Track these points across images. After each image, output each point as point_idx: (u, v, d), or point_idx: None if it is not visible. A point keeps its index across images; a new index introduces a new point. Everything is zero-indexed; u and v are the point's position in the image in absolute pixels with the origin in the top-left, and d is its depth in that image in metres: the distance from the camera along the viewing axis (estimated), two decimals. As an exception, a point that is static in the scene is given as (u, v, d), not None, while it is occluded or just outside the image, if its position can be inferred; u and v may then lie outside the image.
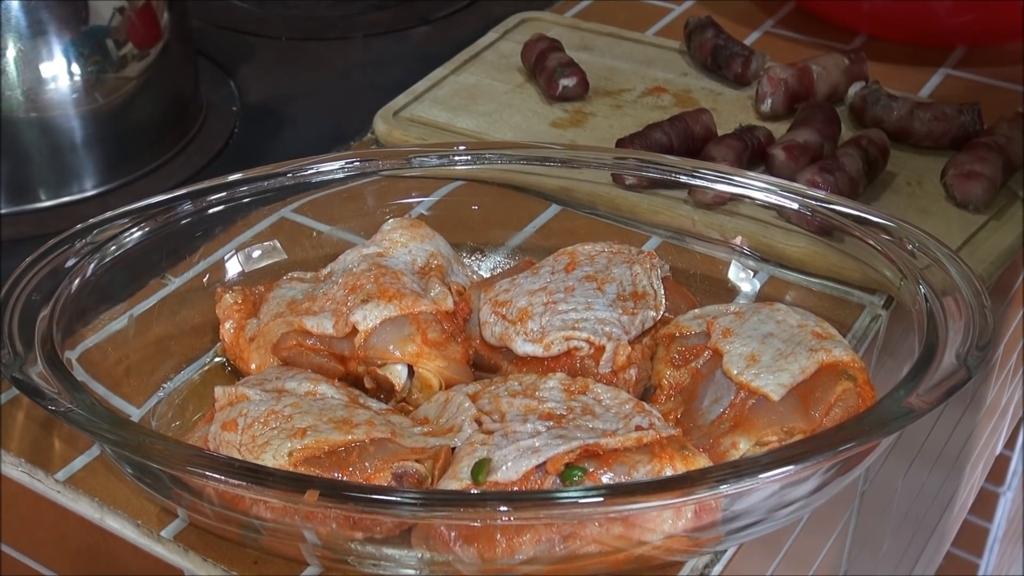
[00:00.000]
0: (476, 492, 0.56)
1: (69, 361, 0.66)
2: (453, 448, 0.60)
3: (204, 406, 0.69)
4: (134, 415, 0.69)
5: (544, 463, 0.57)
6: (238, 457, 0.59)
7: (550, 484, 0.57)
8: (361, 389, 0.67)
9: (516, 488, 0.57)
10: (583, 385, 0.64)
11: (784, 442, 0.62)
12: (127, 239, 0.73)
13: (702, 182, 0.78)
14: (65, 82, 0.87)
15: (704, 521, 0.58)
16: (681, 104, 0.99)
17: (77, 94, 0.88)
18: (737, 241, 0.79)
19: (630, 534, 0.57)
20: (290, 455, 0.58)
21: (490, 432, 0.60)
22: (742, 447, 0.62)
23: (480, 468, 0.57)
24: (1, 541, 0.72)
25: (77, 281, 0.69)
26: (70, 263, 0.70)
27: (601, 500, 0.54)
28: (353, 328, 0.67)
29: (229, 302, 0.72)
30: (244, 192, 0.77)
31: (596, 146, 0.90)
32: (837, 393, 0.63)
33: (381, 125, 0.95)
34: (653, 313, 0.70)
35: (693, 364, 0.67)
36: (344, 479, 0.58)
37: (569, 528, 0.56)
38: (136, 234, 0.73)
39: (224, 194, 0.76)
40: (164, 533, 0.63)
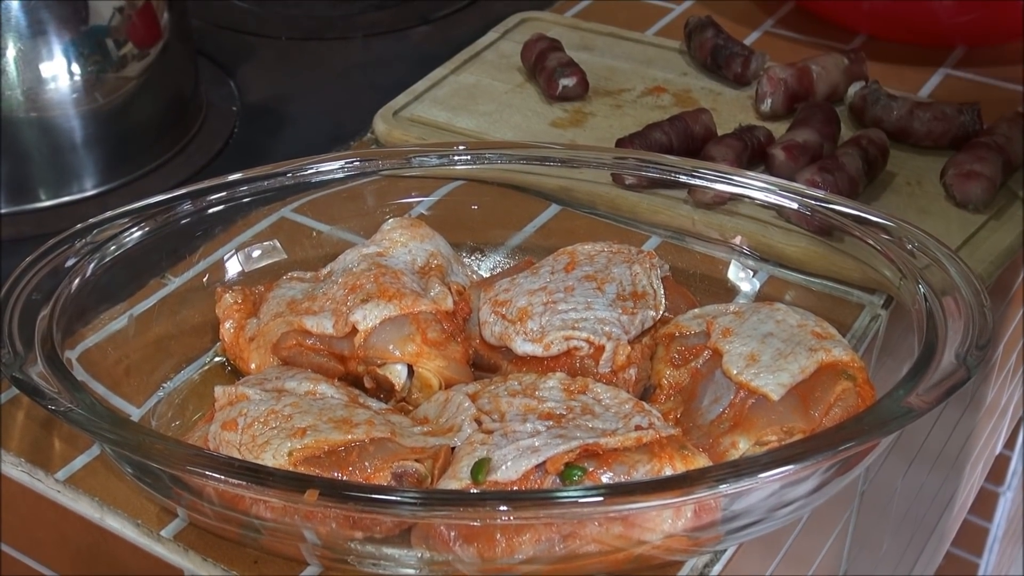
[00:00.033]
0: (476, 492, 0.56)
1: (69, 361, 0.66)
2: (453, 448, 0.60)
3: (204, 406, 0.69)
4: (134, 415, 0.69)
5: (544, 463, 0.57)
6: (238, 457, 0.59)
7: (550, 484, 0.57)
8: (361, 389, 0.67)
9: (516, 488, 0.57)
10: (583, 385, 0.64)
11: (784, 442, 0.62)
12: (127, 239, 0.73)
13: (702, 182, 0.78)
14: (65, 82, 0.87)
15: (704, 521, 0.58)
16: (681, 104, 0.99)
17: (77, 94, 0.88)
18: (737, 241, 0.79)
19: (630, 534, 0.57)
20: (290, 455, 0.58)
21: (490, 432, 0.60)
22: (742, 447, 0.62)
23: (480, 468, 0.57)
24: (1, 541, 0.72)
25: (77, 281, 0.69)
26: (70, 263, 0.70)
27: (601, 500, 0.54)
28: (353, 328, 0.67)
29: (229, 302, 0.72)
30: (244, 192, 0.77)
31: (596, 146, 0.90)
32: (837, 393, 0.63)
33: (381, 125, 0.95)
34: (653, 313, 0.70)
35: (693, 364, 0.67)
36: (344, 479, 0.58)
37: (569, 528, 0.56)
38: (136, 234, 0.73)
39: (224, 194, 0.76)
40: (164, 533, 0.63)
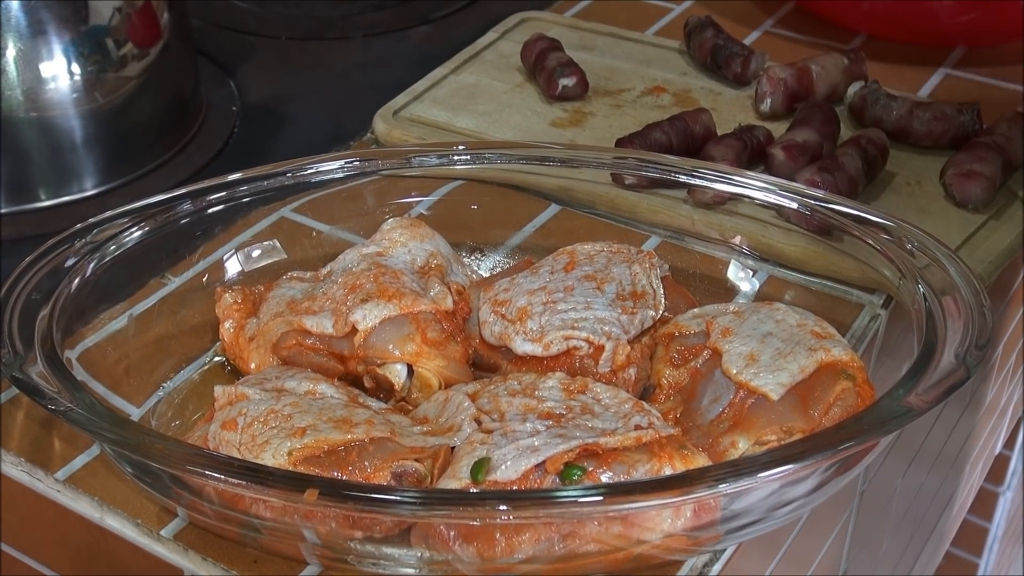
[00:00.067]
0: (475, 491, 0.56)
1: (69, 360, 0.66)
2: (452, 447, 0.60)
3: (204, 405, 0.69)
4: (134, 414, 0.69)
5: (543, 462, 0.57)
6: (238, 456, 0.59)
7: (549, 483, 0.57)
8: (361, 388, 0.67)
9: (515, 487, 0.57)
10: (582, 384, 0.64)
11: (783, 441, 0.62)
12: (127, 239, 0.73)
13: (701, 182, 0.78)
14: (65, 82, 0.87)
15: (703, 520, 0.58)
16: (680, 104, 0.99)
17: (77, 94, 0.88)
18: (736, 240, 0.79)
19: (629, 533, 0.57)
20: (290, 454, 0.58)
21: (489, 431, 0.60)
22: (741, 446, 0.62)
23: (479, 467, 0.57)
24: (1, 540, 0.72)
25: (77, 280, 0.69)
26: (70, 262, 0.70)
27: (600, 499, 0.54)
28: (353, 327, 0.67)
29: (229, 301, 0.72)
30: (244, 192, 0.77)
31: (595, 146, 0.90)
32: (836, 392, 0.63)
33: (381, 125, 0.95)
34: (652, 312, 0.70)
35: (692, 363, 0.67)
36: (343, 478, 0.58)
37: (568, 527, 0.56)
38: (136, 233, 0.73)
39: (224, 194, 0.76)
40: (164, 532, 0.63)
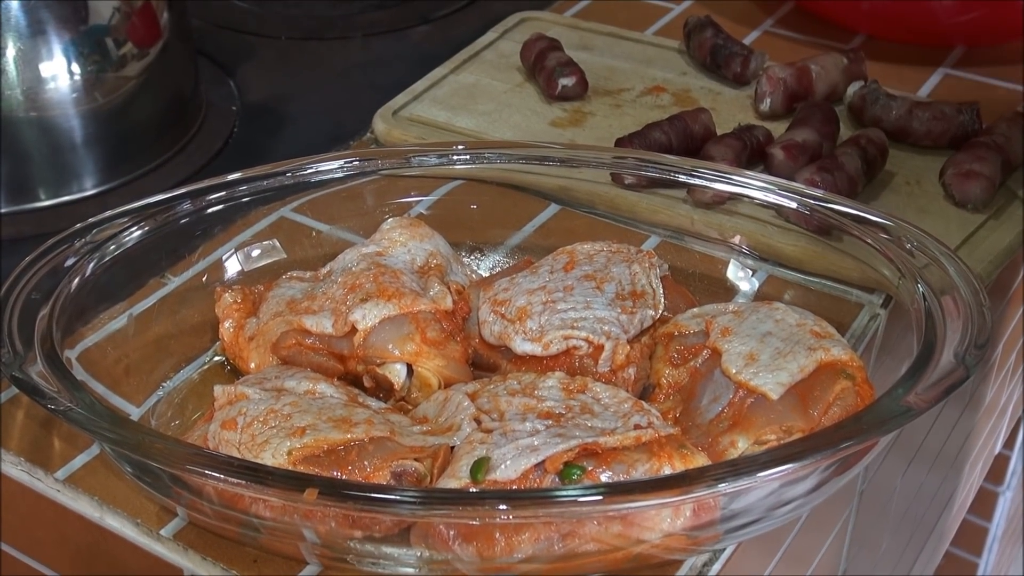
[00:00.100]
0: (475, 491, 0.56)
1: (69, 360, 0.66)
2: (452, 447, 0.60)
3: (203, 405, 0.69)
4: (134, 414, 0.69)
5: (543, 462, 0.57)
6: (237, 456, 0.59)
7: (549, 483, 0.57)
8: (360, 388, 0.67)
9: (515, 487, 0.57)
10: (582, 384, 0.64)
11: (783, 441, 0.62)
12: (127, 238, 0.73)
13: (701, 181, 0.78)
14: (65, 81, 0.87)
15: (703, 520, 0.58)
16: (680, 103, 0.99)
17: (77, 93, 0.88)
18: (736, 240, 0.79)
19: (629, 532, 0.57)
20: (289, 454, 0.58)
21: (489, 431, 0.60)
22: (741, 446, 0.62)
23: (479, 467, 0.57)
24: (1, 540, 0.72)
25: (77, 280, 0.69)
26: (70, 262, 0.70)
27: (600, 498, 0.54)
28: (352, 327, 0.67)
29: (228, 301, 0.72)
30: (243, 191, 0.77)
31: (595, 145, 0.90)
32: (836, 392, 0.63)
33: (380, 124, 0.95)
34: (652, 312, 0.70)
35: (692, 363, 0.67)
36: (343, 478, 0.58)
37: (568, 526, 0.56)
38: (136, 233, 0.73)
39: (223, 193, 0.76)
40: (164, 532, 0.63)
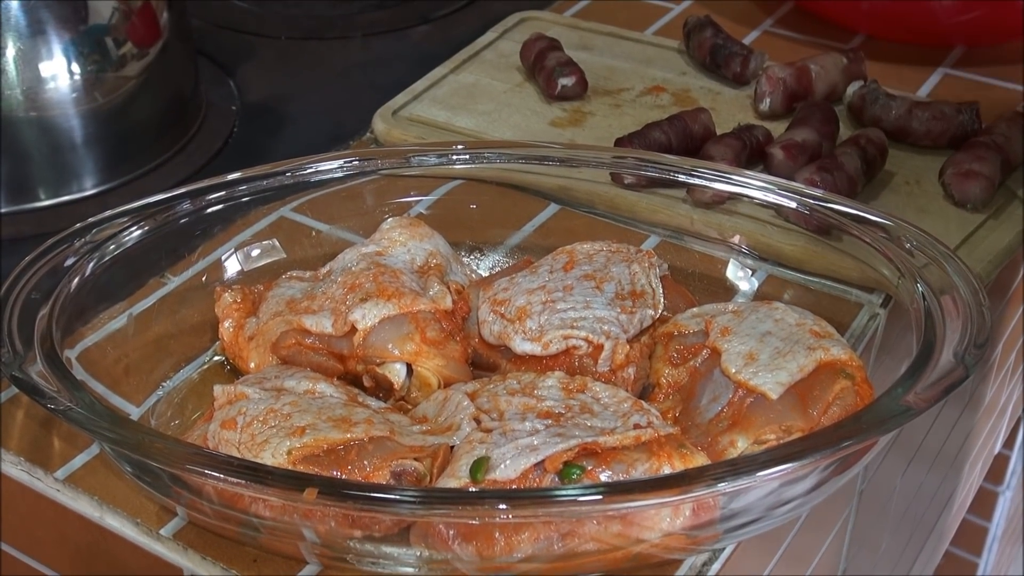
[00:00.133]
0: (474, 490, 0.56)
1: (68, 360, 0.66)
2: (452, 446, 0.60)
3: (203, 405, 0.69)
4: (133, 414, 0.69)
5: (542, 461, 0.57)
6: (237, 455, 0.59)
7: (548, 482, 0.57)
8: (360, 388, 0.67)
9: (514, 486, 0.57)
10: (581, 383, 0.64)
11: (782, 440, 0.62)
12: (126, 238, 0.73)
13: (701, 181, 0.78)
14: (65, 81, 0.87)
15: (702, 519, 0.58)
16: (680, 103, 0.99)
17: (77, 93, 0.88)
18: (735, 240, 0.79)
19: (628, 532, 0.57)
20: (289, 453, 0.58)
21: (489, 430, 0.60)
22: (740, 445, 0.62)
23: (478, 466, 0.57)
24: (1, 540, 0.72)
25: (76, 280, 0.69)
26: (69, 262, 0.70)
27: (599, 498, 0.54)
28: (352, 327, 0.67)
29: (228, 301, 0.72)
30: (243, 191, 0.77)
31: (595, 145, 0.90)
32: (835, 391, 0.63)
33: (380, 124, 0.95)
34: (651, 312, 0.70)
35: (691, 363, 0.67)
36: (343, 477, 0.58)
37: (567, 526, 0.56)
38: (135, 233, 0.73)
39: (223, 193, 0.76)
40: (163, 531, 0.63)
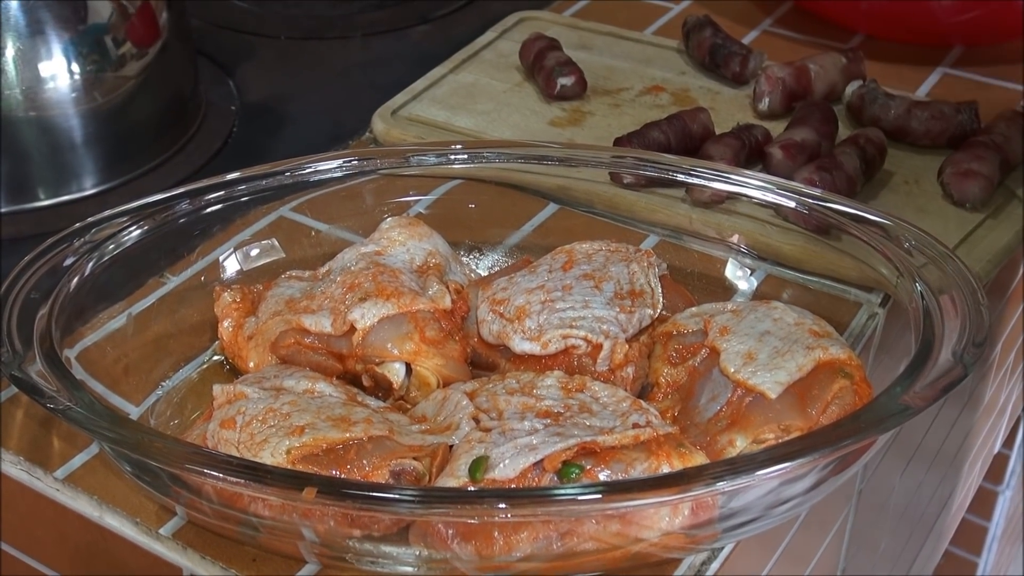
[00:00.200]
0: (473, 489, 0.56)
1: (68, 359, 0.66)
2: (451, 446, 0.60)
3: (203, 404, 0.69)
4: (133, 413, 0.69)
5: (541, 460, 0.57)
6: (236, 455, 0.59)
7: (547, 481, 0.57)
8: (359, 387, 0.67)
9: (513, 485, 0.57)
10: (581, 383, 0.64)
11: (781, 439, 0.62)
12: (126, 238, 0.73)
13: (700, 181, 0.78)
14: (64, 81, 0.87)
15: (701, 518, 0.58)
16: (679, 103, 0.99)
17: (76, 93, 0.88)
18: (734, 239, 0.80)
19: (627, 531, 0.57)
20: (288, 452, 0.58)
21: (488, 430, 0.60)
22: (739, 444, 0.62)
23: (478, 466, 0.57)
24: (1, 539, 0.72)
25: (76, 279, 0.69)
26: (69, 261, 0.70)
27: (598, 497, 0.54)
28: (351, 326, 0.67)
29: (227, 300, 0.72)
30: (242, 191, 0.77)
31: (594, 145, 0.90)
32: (834, 391, 0.63)
33: (379, 124, 0.95)
34: (650, 311, 0.70)
35: (690, 362, 0.67)
36: (342, 476, 0.58)
37: (566, 525, 0.56)
38: (135, 233, 0.73)
39: (222, 193, 0.76)
40: (163, 531, 0.63)
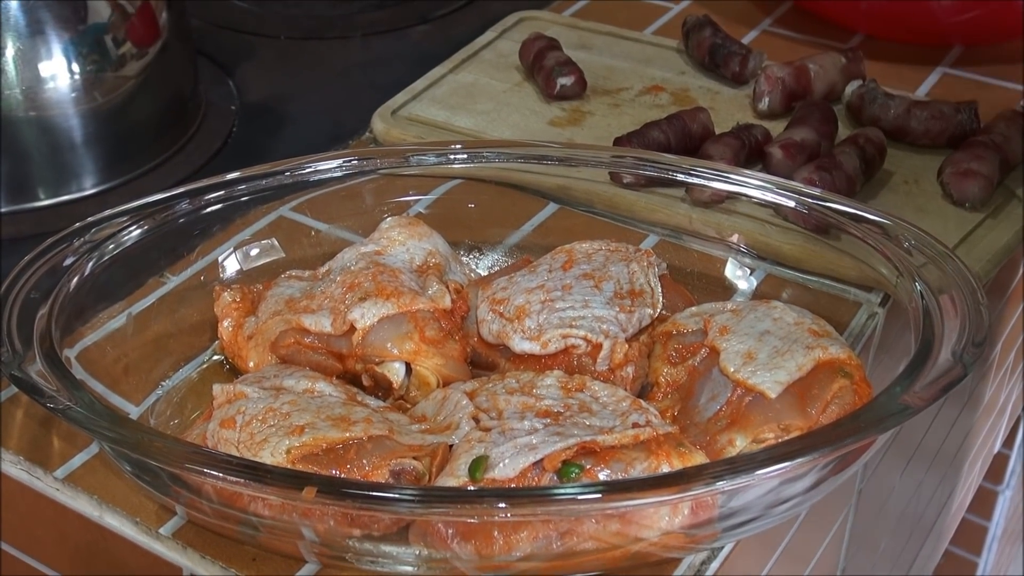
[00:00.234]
0: (473, 489, 0.57)
1: (68, 359, 0.66)
2: (451, 445, 0.60)
3: (202, 404, 0.69)
4: (133, 413, 0.69)
5: (541, 460, 0.57)
6: (236, 454, 0.59)
7: (547, 481, 0.57)
8: (359, 387, 0.67)
9: (513, 485, 0.57)
10: (580, 382, 0.64)
11: (780, 439, 0.62)
12: (126, 237, 0.73)
13: (699, 180, 0.78)
14: (64, 81, 0.87)
15: (701, 518, 0.58)
16: (679, 103, 0.99)
17: (76, 93, 0.88)
18: (734, 239, 0.80)
19: (627, 531, 0.57)
20: (288, 452, 0.58)
21: (487, 429, 0.60)
22: (739, 444, 0.62)
23: (477, 465, 0.57)
24: (1, 539, 0.72)
25: (76, 279, 0.69)
26: (69, 261, 0.70)
27: (598, 497, 0.54)
28: (351, 326, 0.67)
29: (227, 300, 0.72)
30: (242, 191, 0.77)
31: (594, 144, 0.90)
32: (833, 390, 0.63)
33: (379, 124, 0.95)
34: (650, 311, 0.70)
35: (690, 361, 0.67)
36: (342, 476, 0.58)
37: (566, 525, 0.56)
38: (135, 232, 0.73)
39: (222, 192, 0.76)
40: (163, 530, 0.63)
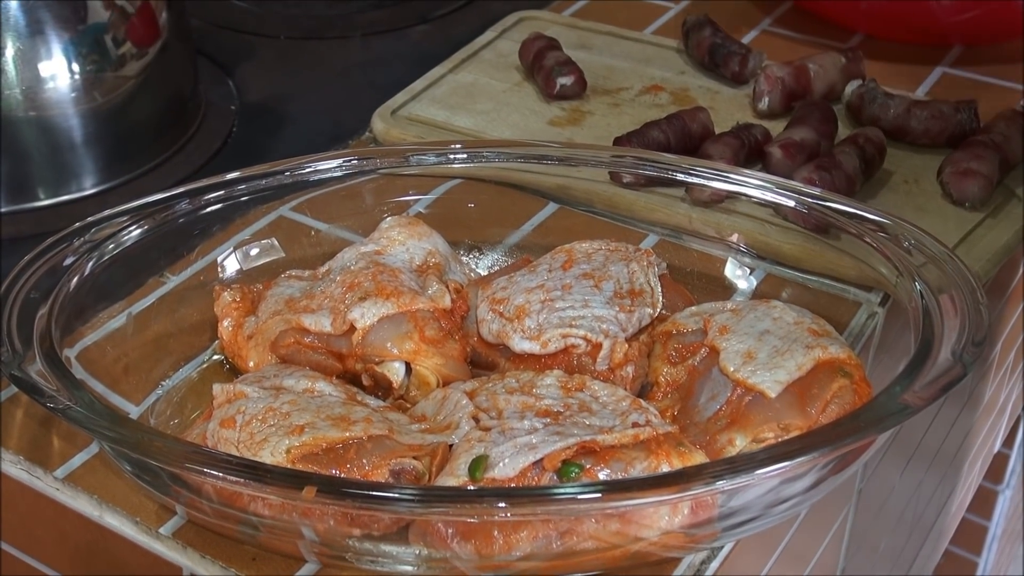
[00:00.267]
0: (473, 488, 0.57)
1: (68, 359, 0.66)
2: (451, 445, 0.60)
3: (202, 403, 0.69)
4: (133, 413, 0.69)
5: (541, 460, 0.57)
6: (236, 454, 0.59)
7: (547, 480, 0.57)
8: (359, 386, 0.67)
9: (513, 485, 0.57)
10: (580, 382, 0.64)
11: (780, 438, 0.62)
12: (125, 237, 0.73)
13: (699, 180, 0.78)
14: (64, 81, 0.87)
15: (700, 517, 0.58)
16: (678, 102, 0.99)
17: (76, 93, 0.88)
18: (734, 239, 0.80)
19: (626, 530, 0.57)
20: (288, 452, 0.58)
21: (487, 429, 0.60)
22: (738, 443, 0.62)
23: (477, 465, 0.57)
24: (1, 539, 0.72)
25: (76, 279, 0.69)
26: (69, 261, 0.70)
27: (598, 496, 0.54)
28: (351, 326, 0.67)
29: (227, 300, 0.72)
30: (242, 190, 0.77)
31: (593, 144, 0.91)
32: (833, 390, 0.63)
33: (379, 124, 0.95)
34: (650, 310, 0.70)
35: (690, 361, 0.67)
36: (342, 476, 0.58)
37: (566, 524, 0.56)
38: (134, 232, 0.73)
39: (222, 192, 0.76)
40: (163, 530, 0.63)
